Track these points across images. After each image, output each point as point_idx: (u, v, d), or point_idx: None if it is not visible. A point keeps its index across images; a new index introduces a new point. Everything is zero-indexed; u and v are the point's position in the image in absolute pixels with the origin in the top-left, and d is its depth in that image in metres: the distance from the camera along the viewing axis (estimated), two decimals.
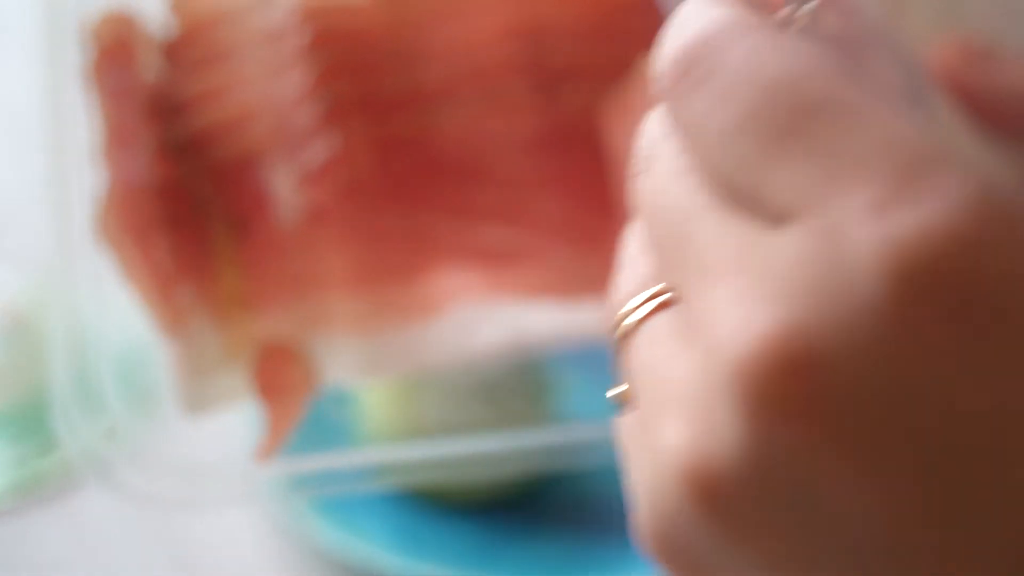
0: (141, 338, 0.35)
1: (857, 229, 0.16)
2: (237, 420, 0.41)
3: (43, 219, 0.35)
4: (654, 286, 0.20)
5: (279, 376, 0.34)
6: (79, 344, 0.33)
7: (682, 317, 0.19)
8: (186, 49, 0.38)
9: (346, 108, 0.37)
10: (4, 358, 0.48)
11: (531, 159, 0.37)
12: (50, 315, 0.34)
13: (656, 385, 0.19)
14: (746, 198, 0.18)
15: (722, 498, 0.17)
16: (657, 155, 0.20)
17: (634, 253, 0.21)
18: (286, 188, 0.36)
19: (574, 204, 0.37)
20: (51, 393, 0.33)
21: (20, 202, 0.58)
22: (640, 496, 0.19)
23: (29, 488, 0.45)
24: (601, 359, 0.50)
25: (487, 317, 0.36)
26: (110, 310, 0.34)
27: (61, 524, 0.44)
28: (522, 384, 0.43)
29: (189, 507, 0.33)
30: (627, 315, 0.20)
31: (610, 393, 0.22)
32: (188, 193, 0.36)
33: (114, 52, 0.37)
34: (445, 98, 0.38)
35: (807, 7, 0.19)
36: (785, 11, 0.19)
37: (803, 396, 0.16)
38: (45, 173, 0.35)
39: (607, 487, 0.44)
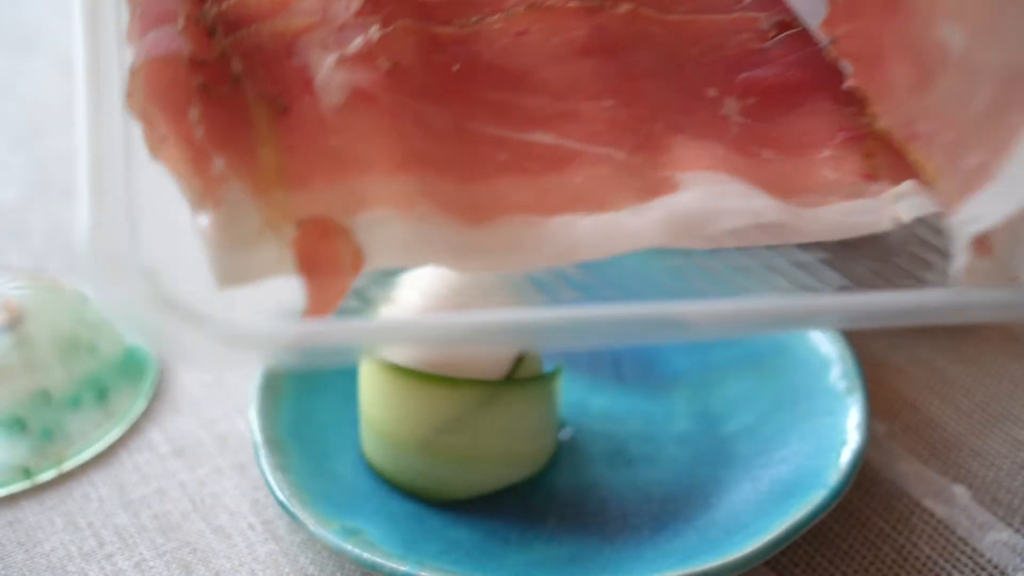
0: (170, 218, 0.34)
1: None
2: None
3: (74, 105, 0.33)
4: None
5: (321, 252, 0.32)
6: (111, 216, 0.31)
7: None
8: None
9: (377, 1, 0.36)
10: (4, 356, 0.48)
11: (578, 66, 0.36)
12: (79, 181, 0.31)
13: None
14: None
15: None
16: None
17: None
18: (327, 70, 0.35)
19: (624, 110, 0.36)
20: (81, 259, 0.30)
21: (21, 205, 0.59)
22: None
23: (27, 484, 0.45)
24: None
25: (542, 230, 0.34)
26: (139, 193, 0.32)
27: (58, 522, 0.44)
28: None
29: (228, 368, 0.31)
30: None
31: None
32: (223, 69, 0.34)
33: None
34: (489, 6, 0.37)
35: None
36: None
37: None
38: (80, 54, 0.34)
39: (607, 486, 0.44)
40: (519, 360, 0.42)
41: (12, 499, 0.45)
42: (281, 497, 0.41)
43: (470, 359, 0.42)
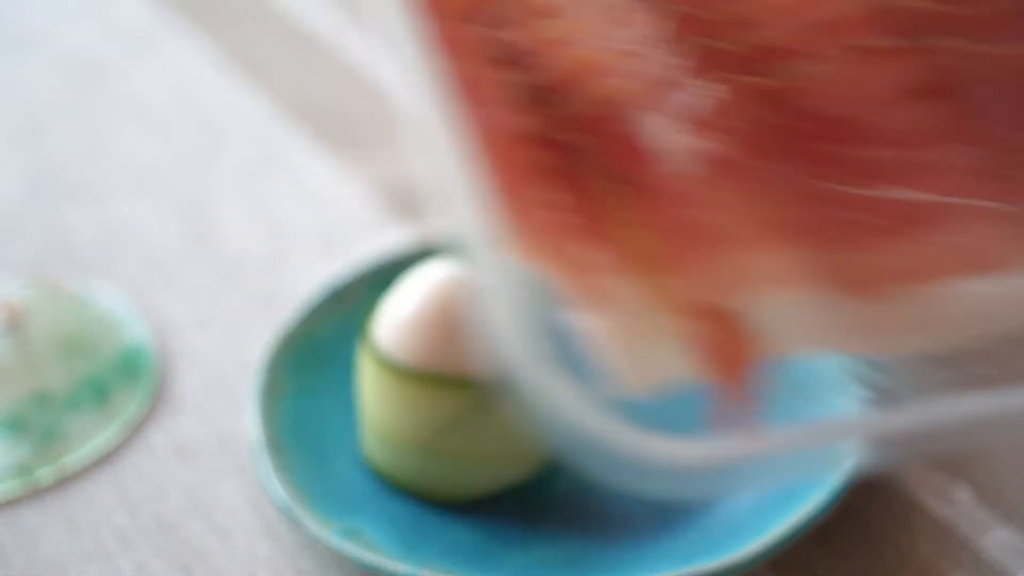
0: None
1: None
2: None
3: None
4: None
5: (724, 345, 0.29)
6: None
7: None
8: (518, 2, 0.34)
9: (708, 57, 0.33)
10: (4, 356, 0.48)
11: (912, 110, 0.33)
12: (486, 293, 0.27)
13: None
14: None
15: None
16: None
17: None
18: (670, 137, 0.31)
19: (986, 156, 0.32)
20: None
21: (21, 205, 0.58)
22: None
23: (28, 487, 0.45)
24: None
25: (937, 300, 0.31)
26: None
27: (59, 523, 0.44)
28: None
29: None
30: None
31: None
32: (558, 143, 0.31)
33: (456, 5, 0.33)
34: (796, 55, 0.34)
35: None
36: None
37: None
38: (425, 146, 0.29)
39: (608, 486, 0.44)
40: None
41: (12, 499, 0.45)
42: (281, 497, 0.41)
43: (470, 359, 0.41)
